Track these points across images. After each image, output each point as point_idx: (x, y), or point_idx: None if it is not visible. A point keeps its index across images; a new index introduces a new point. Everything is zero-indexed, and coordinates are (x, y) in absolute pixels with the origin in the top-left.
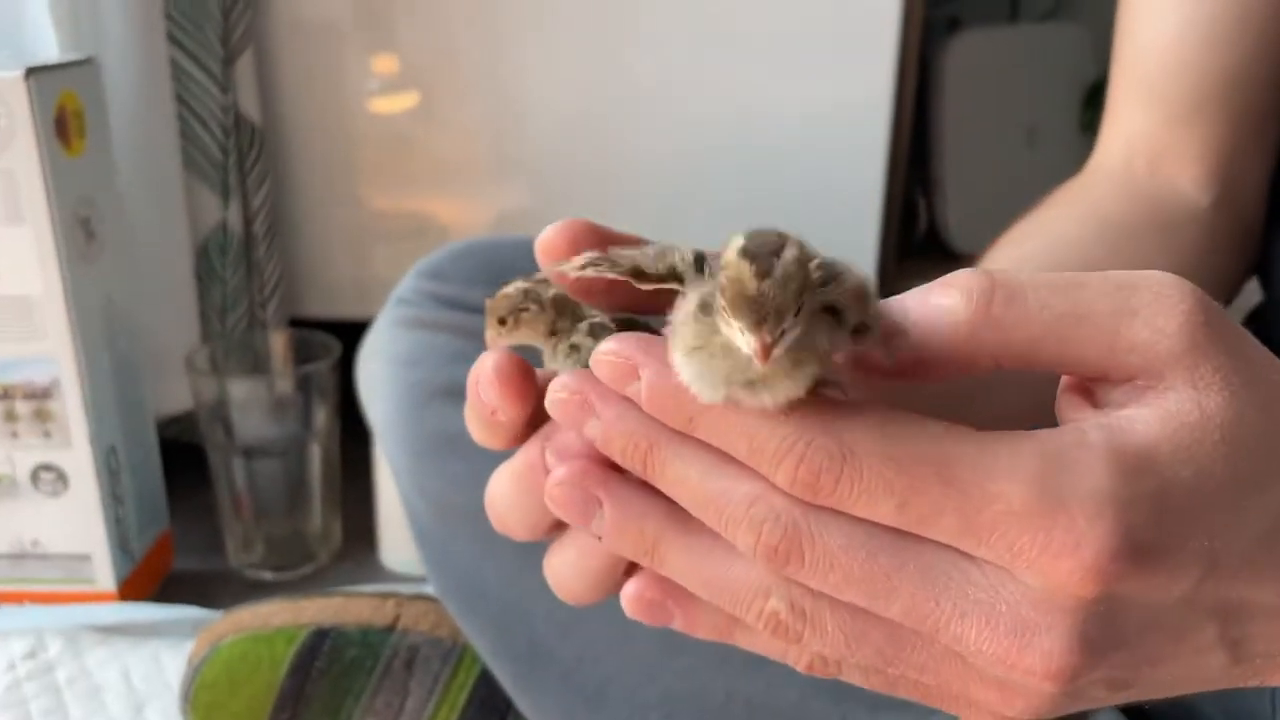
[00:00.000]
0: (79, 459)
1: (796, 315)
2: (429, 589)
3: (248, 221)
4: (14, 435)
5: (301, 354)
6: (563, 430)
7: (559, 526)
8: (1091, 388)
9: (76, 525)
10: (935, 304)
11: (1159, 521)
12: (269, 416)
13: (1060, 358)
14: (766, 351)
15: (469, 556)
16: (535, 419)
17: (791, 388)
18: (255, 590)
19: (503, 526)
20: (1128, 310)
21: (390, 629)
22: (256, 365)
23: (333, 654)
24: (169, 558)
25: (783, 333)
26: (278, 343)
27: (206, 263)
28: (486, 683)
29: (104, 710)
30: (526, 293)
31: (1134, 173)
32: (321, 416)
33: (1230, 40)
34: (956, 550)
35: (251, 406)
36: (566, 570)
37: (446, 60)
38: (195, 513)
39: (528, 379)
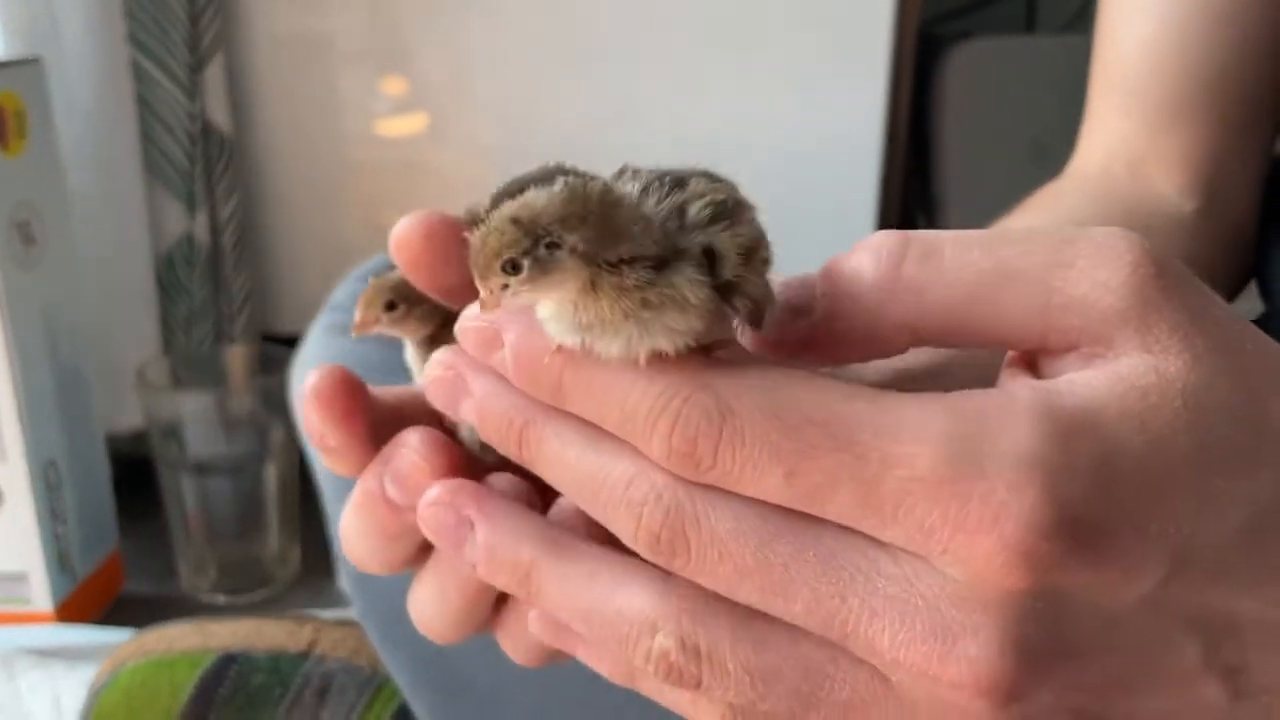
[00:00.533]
0: (13, 473)
1: (521, 268)
2: (354, 614)
3: (215, 233)
4: None
5: (266, 369)
6: (401, 452)
7: (417, 559)
8: (1037, 362)
9: (12, 542)
10: (842, 268)
11: (1104, 496)
12: (223, 433)
13: (987, 324)
14: (485, 304)
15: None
16: (381, 437)
17: (649, 338)
18: (207, 615)
19: (359, 563)
20: (1062, 263)
21: (304, 655)
22: (217, 381)
23: (238, 681)
24: (118, 579)
25: (505, 286)
26: (235, 357)
27: (171, 274)
28: (404, 717)
29: None
30: None
31: (1112, 177)
32: (278, 434)
33: (1208, 43)
34: (864, 535)
35: (204, 423)
36: (429, 607)
37: (447, 81)
38: (151, 533)
39: (356, 397)
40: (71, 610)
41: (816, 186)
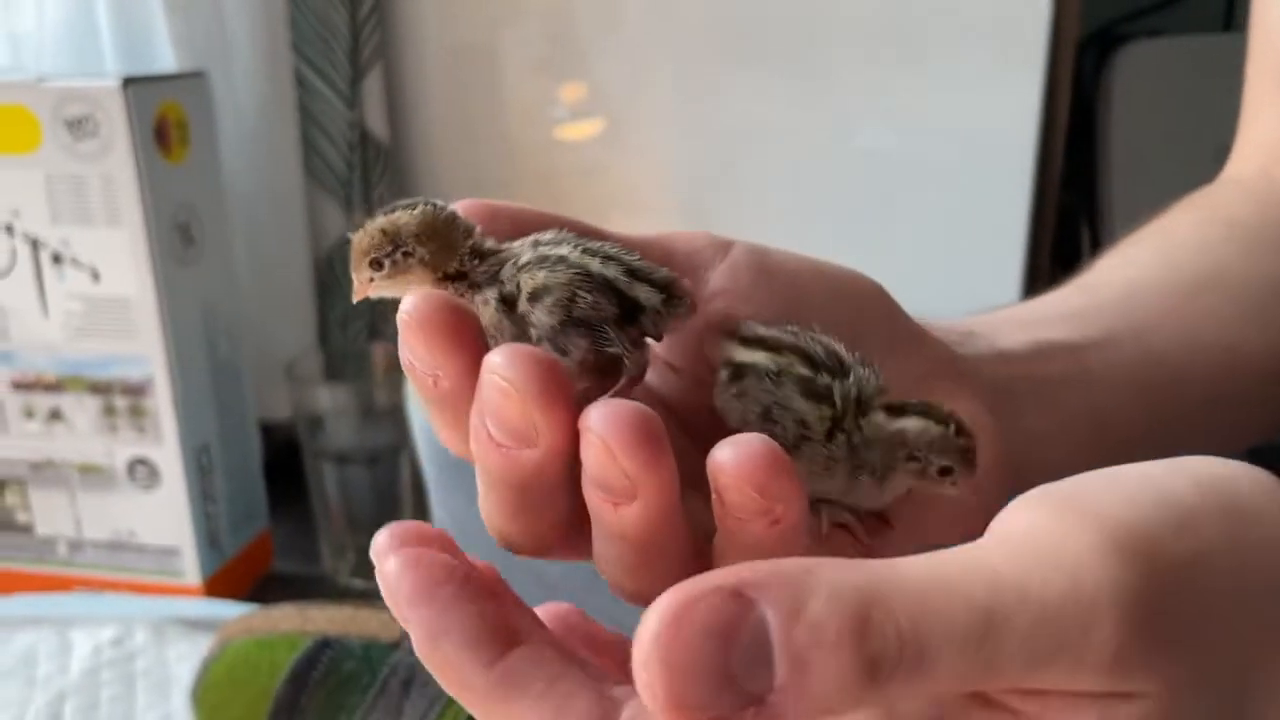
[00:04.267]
0: (169, 456)
1: (383, 266)
2: None
3: None
4: (113, 429)
5: None
6: (486, 381)
7: (569, 531)
8: None
9: (167, 519)
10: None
11: None
12: (364, 426)
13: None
14: (357, 293)
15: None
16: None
17: None
18: (344, 597)
19: (512, 546)
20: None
21: (395, 645)
22: (365, 376)
23: (331, 665)
24: (267, 558)
25: (371, 279)
26: (378, 354)
27: (330, 274)
28: None
29: (166, 703)
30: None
31: (1270, 179)
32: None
33: None
34: None
35: (347, 415)
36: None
37: (625, 87)
38: (302, 517)
39: (466, 320)
40: (220, 585)
41: (969, 190)
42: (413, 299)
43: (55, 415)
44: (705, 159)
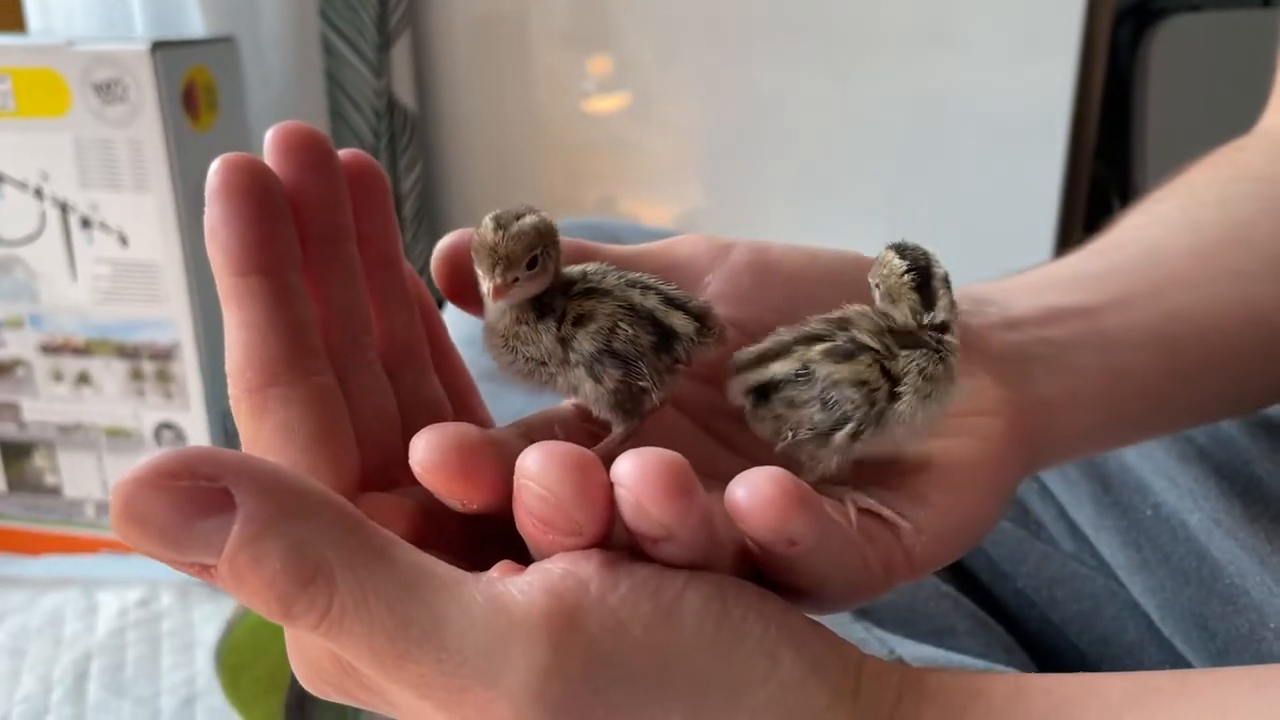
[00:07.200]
0: (195, 420)
1: (537, 264)
2: None
3: (397, 204)
4: (140, 393)
5: None
6: (524, 489)
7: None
8: None
9: None
10: None
11: None
12: None
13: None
14: (498, 292)
15: None
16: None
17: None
18: None
19: None
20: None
21: None
22: None
23: None
24: None
25: (515, 280)
26: None
27: None
28: None
29: (191, 664)
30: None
31: None
32: None
33: None
34: None
35: None
36: None
37: (651, 60)
38: None
39: (475, 453)
40: None
41: (1002, 161)
42: (422, 447)
43: (83, 379)
44: (732, 134)
